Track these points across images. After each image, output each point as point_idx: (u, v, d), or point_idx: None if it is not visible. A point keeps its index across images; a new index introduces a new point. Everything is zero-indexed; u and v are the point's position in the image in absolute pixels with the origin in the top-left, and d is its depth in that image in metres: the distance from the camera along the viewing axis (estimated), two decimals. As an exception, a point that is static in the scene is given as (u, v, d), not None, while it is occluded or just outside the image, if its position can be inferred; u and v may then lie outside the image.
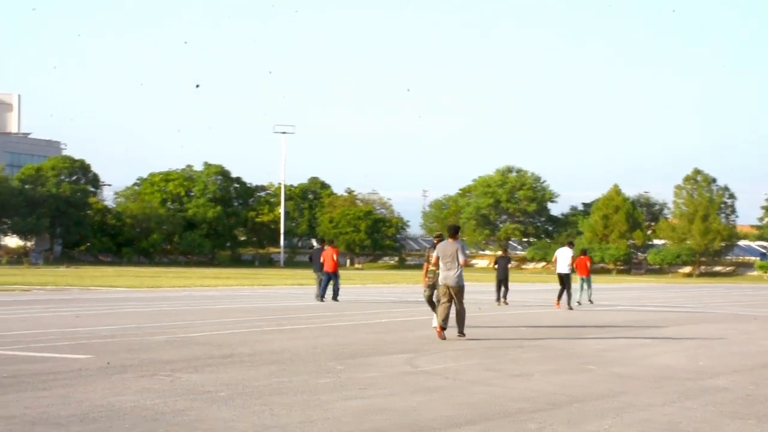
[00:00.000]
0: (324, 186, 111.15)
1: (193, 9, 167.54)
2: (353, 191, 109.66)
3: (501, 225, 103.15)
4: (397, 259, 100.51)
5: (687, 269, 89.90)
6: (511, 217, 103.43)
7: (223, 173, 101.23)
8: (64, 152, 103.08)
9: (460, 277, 14.64)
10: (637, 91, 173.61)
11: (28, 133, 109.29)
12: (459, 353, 13.11)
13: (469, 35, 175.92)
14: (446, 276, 14.74)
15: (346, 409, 8.20)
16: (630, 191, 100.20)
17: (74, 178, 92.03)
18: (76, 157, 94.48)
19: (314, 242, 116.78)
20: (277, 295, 32.29)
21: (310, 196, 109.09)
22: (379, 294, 32.38)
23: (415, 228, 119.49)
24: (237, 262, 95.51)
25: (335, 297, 26.21)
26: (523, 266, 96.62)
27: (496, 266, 27.00)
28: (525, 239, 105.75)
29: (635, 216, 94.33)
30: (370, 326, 16.62)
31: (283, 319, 19.48)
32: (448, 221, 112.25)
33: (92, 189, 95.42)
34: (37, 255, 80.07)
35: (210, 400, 8.44)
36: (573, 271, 25.12)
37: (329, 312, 22.16)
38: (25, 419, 7.45)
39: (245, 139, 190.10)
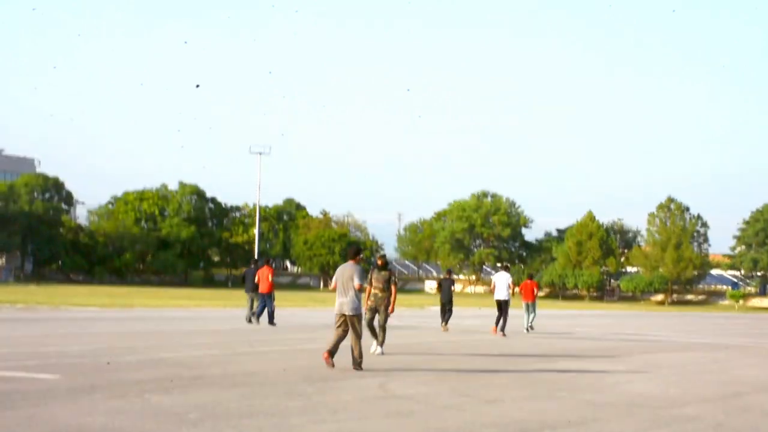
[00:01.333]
0: (299, 207, 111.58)
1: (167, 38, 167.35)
2: (328, 213, 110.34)
3: (475, 249, 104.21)
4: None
5: (659, 297, 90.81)
6: (486, 241, 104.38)
7: (198, 193, 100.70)
8: (38, 169, 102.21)
9: (356, 303, 13.22)
10: (613, 120, 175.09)
11: (1, 150, 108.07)
12: (430, 378, 13.09)
13: (450, 61, 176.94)
14: (341, 303, 13.28)
15: (317, 433, 8.71)
16: (604, 218, 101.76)
17: (47, 195, 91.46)
18: (50, 174, 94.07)
19: (288, 264, 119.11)
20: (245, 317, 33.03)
21: (285, 218, 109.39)
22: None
23: (389, 251, 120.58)
24: (210, 282, 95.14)
25: (271, 320, 24.12)
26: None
27: (439, 288, 26.07)
28: (499, 264, 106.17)
29: (609, 243, 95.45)
30: (341, 349, 16.17)
31: (254, 341, 19.33)
32: (423, 245, 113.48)
33: (65, 207, 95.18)
34: (7, 272, 79.88)
35: (179, 422, 8.38)
36: (511, 296, 23.99)
37: (300, 334, 21.99)
38: (-10, 439, 7.73)
39: (221, 159, 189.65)
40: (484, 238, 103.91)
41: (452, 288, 25.69)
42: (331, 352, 13.40)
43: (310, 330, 23.21)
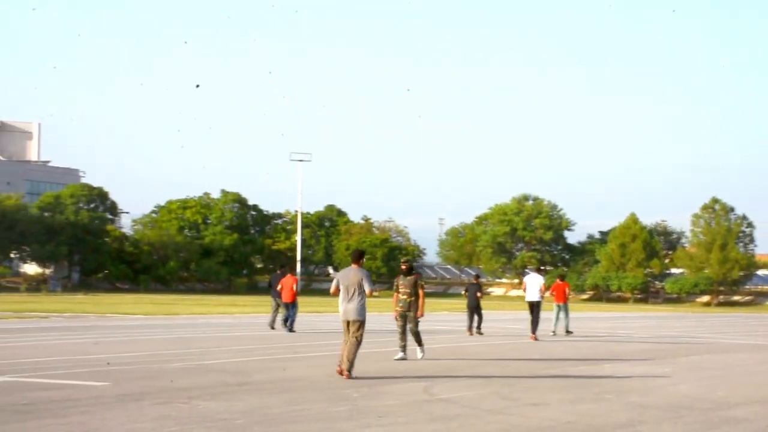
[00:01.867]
0: (340, 213, 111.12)
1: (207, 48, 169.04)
2: (370, 219, 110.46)
3: (517, 253, 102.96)
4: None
5: (705, 298, 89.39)
6: (528, 245, 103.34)
7: (240, 201, 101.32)
8: (83, 180, 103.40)
9: (363, 309, 12.66)
10: (655, 120, 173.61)
11: (48, 161, 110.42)
12: (475, 382, 13.07)
13: (486, 62, 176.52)
14: (346, 309, 12.70)
15: (363, 437, 8.73)
16: (647, 220, 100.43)
17: (92, 205, 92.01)
18: (95, 184, 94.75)
19: (330, 270, 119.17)
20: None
21: (327, 224, 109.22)
22: (393, 322, 32.21)
23: (431, 256, 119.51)
24: (253, 289, 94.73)
25: (290, 328, 24.09)
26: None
27: (466, 293, 25.69)
28: (542, 267, 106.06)
29: (652, 245, 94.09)
30: (385, 354, 16.49)
31: (299, 347, 19.44)
32: (465, 249, 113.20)
33: (110, 216, 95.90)
34: (55, 282, 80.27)
35: (227, 428, 8.45)
36: (542, 298, 23.82)
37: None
38: (43, 446, 7.83)
39: (262, 166, 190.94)
40: (526, 241, 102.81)
41: (478, 293, 25.21)
42: (348, 369, 12.44)
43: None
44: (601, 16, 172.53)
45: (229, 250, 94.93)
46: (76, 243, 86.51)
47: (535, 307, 23.26)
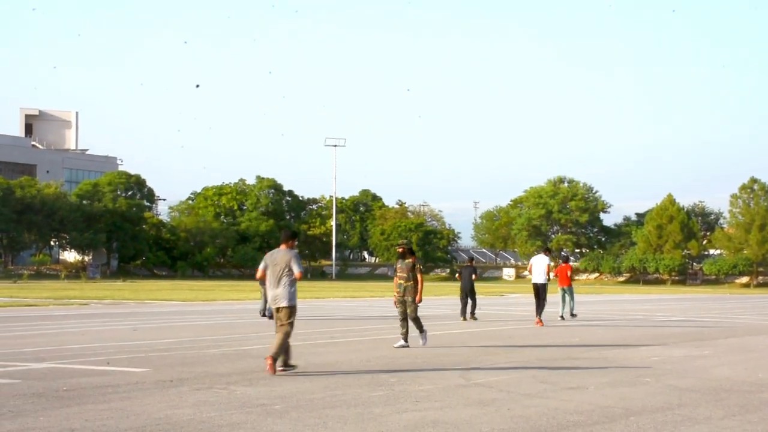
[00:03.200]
0: (375, 198, 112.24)
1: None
2: (404, 203, 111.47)
3: (553, 236, 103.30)
4: (448, 270, 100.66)
5: (744, 279, 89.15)
6: (563, 227, 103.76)
7: (276, 186, 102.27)
8: (120, 168, 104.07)
9: (292, 294, 11.37)
10: (691, 100, 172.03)
11: (86, 150, 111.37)
12: (511, 366, 13.03)
13: (517, 45, 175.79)
14: (275, 295, 11.45)
15: (400, 422, 8.21)
16: (684, 201, 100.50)
17: (130, 193, 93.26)
18: (132, 172, 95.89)
19: (365, 255, 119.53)
20: (329, 307, 32.27)
21: (362, 209, 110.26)
22: (429, 307, 31.05)
23: (466, 239, 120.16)
24: None
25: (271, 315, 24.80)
26: (576, 277, 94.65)
27: (460, 276, 24.76)
28: (577, 250, 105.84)
29: (690, 226, 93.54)
30: (414, 339, 16.03)
31: (335, 332, 19.51)
32: (500, 232, 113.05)
33: (147, 204, 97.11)
34: (94, 269, 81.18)
35: (265, 413, 8.50)
36: (549, 280, 22.48)
37: (380, 324, 22.08)
38: (85, 432, 8.09)
39: (297, 152, 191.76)
40: (562, 224, 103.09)
41: (473, 276, 24.10)
42: (275, 357, 11.22)
43: (389, 320, 23.03)
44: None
45: (265, 236, 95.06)
46: (114, 230, 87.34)
47: (540, 290, 22.12)
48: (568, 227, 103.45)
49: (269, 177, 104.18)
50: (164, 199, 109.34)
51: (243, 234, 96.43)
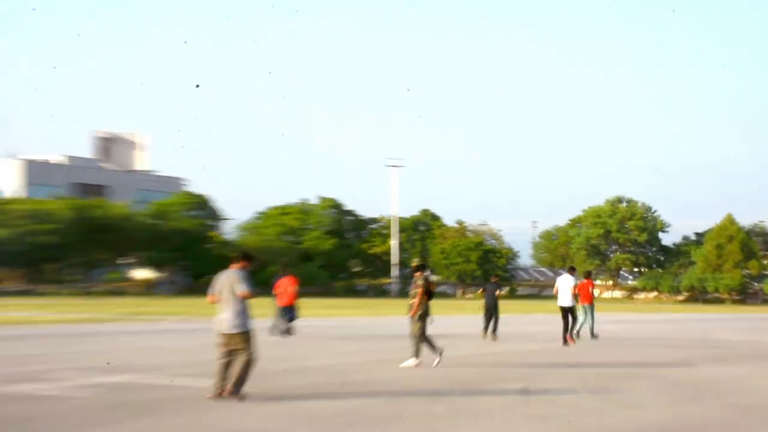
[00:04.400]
0: (435, 218, 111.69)
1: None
2: (464, 222, 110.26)
3: (611, 255, 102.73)
4: (507, 289, 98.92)
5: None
6: (622, 247, 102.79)
7: (337, 206, 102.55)
8: (186, 188, 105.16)
9: (240, 318, 10.07)
10: (749, 120, 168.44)
11: (154, 171, 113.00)
12: (571, 382, 12.87)
13: (596, 68, 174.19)
14: (221, 320, 10.16)
15: (462, 436, 8.76)
16: (744, 221, 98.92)
17: (196, 212, 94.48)
18: (198, 192, 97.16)
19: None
20: (390, 324, 32.24)
21: (422, 228, 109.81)
22: (473, 325, 30.69)
23: (525, 258, 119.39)
24: (352, 292, 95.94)
25: (287, 331, 21.75)
26: (635, 296, 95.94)
27: (484, 292, 23.44)
28: (636, 269, 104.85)
29: (750, 246, 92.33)
30: (481, 356, 16.33)
31: (396, 348, 19.36)
32: (558, 251, 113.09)
33: (213, 223, 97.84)
34: (164, 286, 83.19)
35: (329, 426, 8.61)
36: (576, 302, 21.01)
37: (441, 341, 21.75)
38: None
39: (357, 172, 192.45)
40: (620, 243, 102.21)
41: (497, 293, 23.02)
42: (220, 390, 9.87)
43: (450, 337, 22.75)
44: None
45: (328, 255, 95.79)
46: (182, 248, 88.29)
47: (568, 313, 20.35)
48: (626, 246, 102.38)
49: (331, 197, 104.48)
50: (230, 219, 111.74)
51: (306, 252, 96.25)
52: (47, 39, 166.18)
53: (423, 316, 14.69)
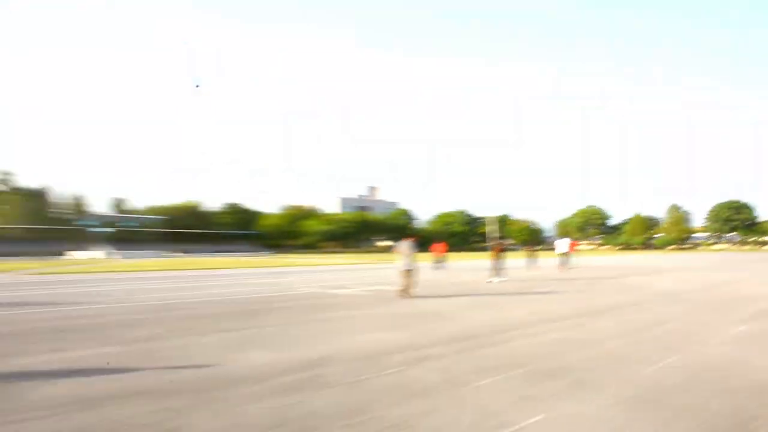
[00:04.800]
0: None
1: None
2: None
3: (589, 230, 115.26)
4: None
5: None
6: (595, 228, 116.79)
7: (466, 213, 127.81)
8: (398, 206, 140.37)
9: (409, 263, 14.81)
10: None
11: (387, 200, 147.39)
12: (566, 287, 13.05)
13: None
14: (400, 264, 14.82)
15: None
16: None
17: (404, 217, 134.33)
18: (404, 207, 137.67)
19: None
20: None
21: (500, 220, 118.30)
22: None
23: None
24: (480, 250, 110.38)
25: (440, 269, 25.26)
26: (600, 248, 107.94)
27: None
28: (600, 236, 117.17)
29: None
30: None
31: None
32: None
33: (410, 220, 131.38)
34: (392, 248, 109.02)
35: (476, 307, 10.76)
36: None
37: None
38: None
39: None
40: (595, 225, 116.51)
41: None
42: (403, 292, 14.03)
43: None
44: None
45: (461, 234, 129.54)
46: (398, 231, 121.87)
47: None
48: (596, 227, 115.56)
49: (462, 209, 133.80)
50: (416, 219, 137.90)
51: (452, 233, 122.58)
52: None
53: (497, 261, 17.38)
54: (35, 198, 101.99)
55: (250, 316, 10.28)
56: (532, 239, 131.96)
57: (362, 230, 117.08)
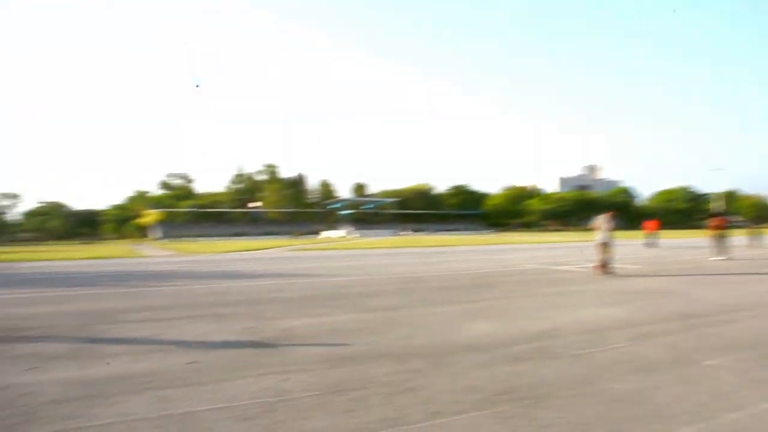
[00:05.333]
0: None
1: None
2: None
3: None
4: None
5: None
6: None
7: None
8: (620, 185, 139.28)
9: (606, 237, 14.10)
10: None
11: (606, 179, 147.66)
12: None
13: None
14: (598, 238, 14.17)
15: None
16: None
17: (623, 195, 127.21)
18: (624, 186, 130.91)
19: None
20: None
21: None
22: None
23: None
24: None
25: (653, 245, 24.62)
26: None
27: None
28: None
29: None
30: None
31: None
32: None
33: (629, 197, 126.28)
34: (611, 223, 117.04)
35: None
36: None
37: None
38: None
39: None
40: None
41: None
42: (600, 269, 13.40)
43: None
44: None
45: (683, 211, 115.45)
46: (611, 208, 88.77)
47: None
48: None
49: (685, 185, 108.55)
50: (635, 196, 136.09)
51: (668, 211, 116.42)
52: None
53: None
54: (293, 185, 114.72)
55: (477, 290, 10.53)
56: (761, 216, 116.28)
57: (582, 208, 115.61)
